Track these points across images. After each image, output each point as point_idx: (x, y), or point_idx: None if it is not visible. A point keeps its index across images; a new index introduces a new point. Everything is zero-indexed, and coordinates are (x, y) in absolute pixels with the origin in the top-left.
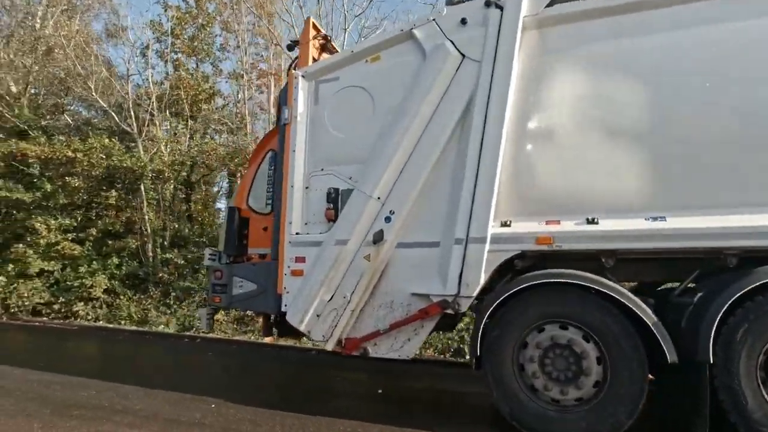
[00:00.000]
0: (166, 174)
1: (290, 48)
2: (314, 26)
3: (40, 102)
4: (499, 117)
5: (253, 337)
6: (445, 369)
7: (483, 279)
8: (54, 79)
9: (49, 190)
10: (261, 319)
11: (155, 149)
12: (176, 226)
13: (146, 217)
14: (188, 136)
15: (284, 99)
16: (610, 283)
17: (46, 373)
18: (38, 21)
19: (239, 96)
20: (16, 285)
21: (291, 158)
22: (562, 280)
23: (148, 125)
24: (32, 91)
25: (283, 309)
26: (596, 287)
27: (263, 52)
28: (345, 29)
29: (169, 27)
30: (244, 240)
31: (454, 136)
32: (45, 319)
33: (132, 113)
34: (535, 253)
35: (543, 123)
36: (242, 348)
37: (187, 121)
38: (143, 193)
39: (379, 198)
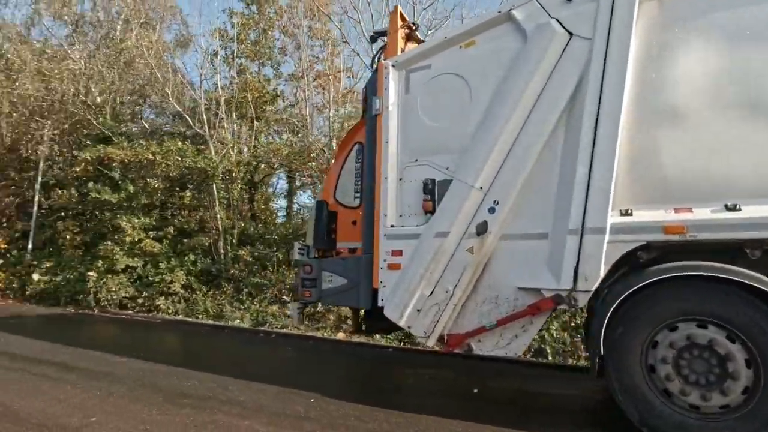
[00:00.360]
0: (234, 174)
1: (373, 39)
2: (401, 16)
3: (119, 110)
4: (616, 98)
5: (325, 333)
6: (528, 369)
7: (603, 272)
8: (133, 89)
9: (131, 191)
10: (351, 315)
11: (224, 151)
12: (242, 224)
13: (218, 215)
14: (253, 137)
15: (372, 90)
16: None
17: (147, 362)
18: (119, 34)
19: (298, 97)
20: (105, 280)
21: (384, 150)
22: (704, 274)
23: (216, 127)
24: (115, 100)
25: (380, 303)
26: (753, 283)
27: (319, 54)
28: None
29: (235, 33)
30: (332, 234)
31: (562, 121)
32: (131, 312)
33: (204, 117)
34: (662, 243)
35: (668, 102)
36: (317, 344)
37: (253, 122)
38: (215, 192)
39: (481, 188)
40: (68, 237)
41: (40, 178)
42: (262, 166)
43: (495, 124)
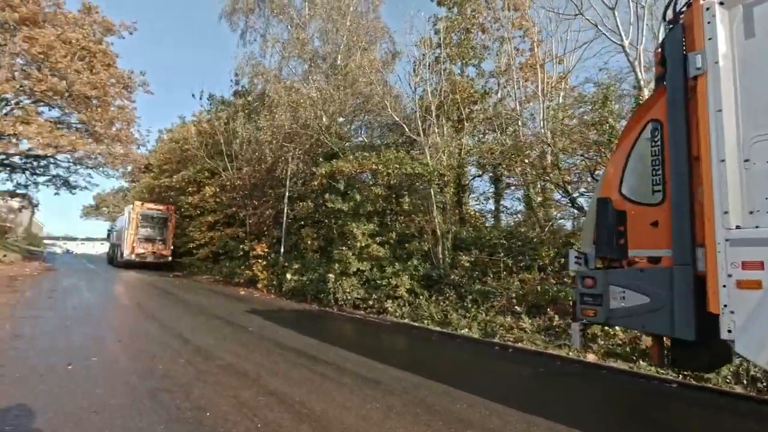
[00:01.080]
0: (446, 178)
1: None
2: None
3: (342, 129)
4: None
5: (570, 353)
6: None
7: None
8: (356, 106)
9: (358, 200)
10: (651, 343)
11: (438, 155)
12: (454, 228)
13: (436, 220)
14: (462, 139)
15: (676, 47)
16: None
17: (404, 372)
18: (341, 61)
19: (504, 92)
20: (340, 282)
21: (713, 122)
22: None
23: (428, 133)
24: (337, 120)
25: (725, 335)
26: None
27: (520, 45)
28: None
29: (441, 37)
30: (621, 239)
31: None
32: (362, 312)
33: (419, 124)
34: None
35: None
36: (565, 364)
37: (463, 123)
38: (432, 196)
39: None
40: (309, 242)
41: (287, 193)
42: (471, 168)
43: None
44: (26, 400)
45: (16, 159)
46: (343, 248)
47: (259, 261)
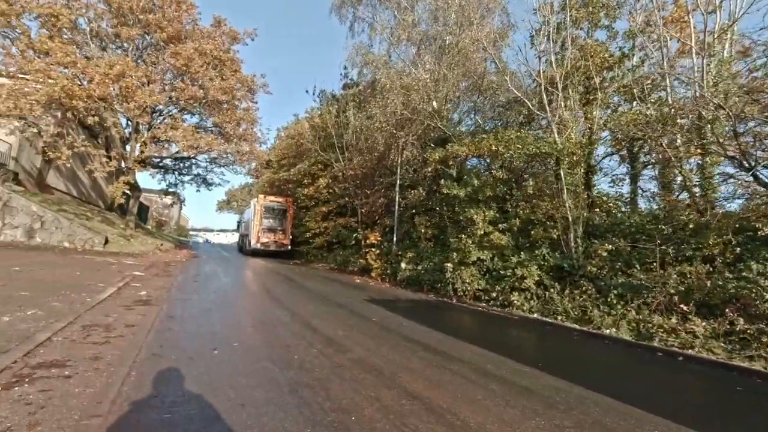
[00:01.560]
0: (576, 157)
1: None
2: None
3: (452, 112)
4: None
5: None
6: None
7: None
8: (470, 86)
9: (476, 185)
10: None
11: (566, 132)
12: (584, 214)
13: (566, 204)
14: (594, 111)
15: None
16: None
17: (557, 379)
18: (451, 39)
19: (640, 56)
20: (459, 272)
21: None
22: None
23: (553, 108)
24: (447, 102)
25: None
26: None
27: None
28: None
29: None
30: None
31: None
32: (484, 304)
33: (544, 97)
34: None
35: None
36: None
37: (593, 94)
38: (562, 178)
39: None
40: (422, 230)
41: (398, 181)
42: (603, 147)
43: None
44: (179, 387)
45: (168, 161)
46: (462, 236)
47: (373, 250)
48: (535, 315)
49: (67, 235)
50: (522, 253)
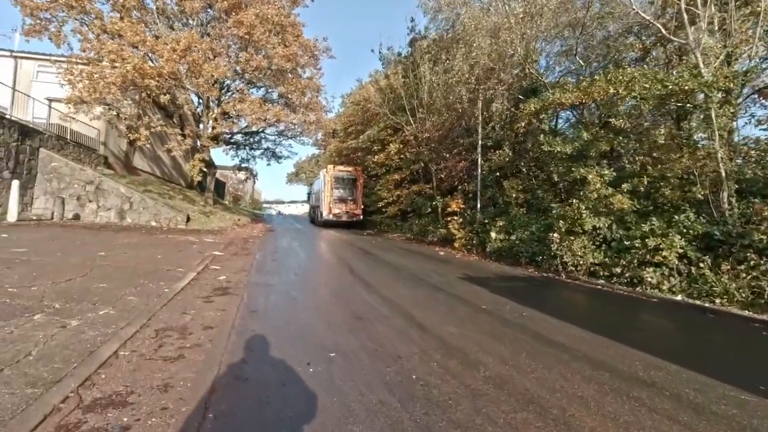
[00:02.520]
0: (730, 94)
1: None
2: None
3: (537, 56)
4: None
5: None
6: None
7: None
8: (564, 23)
9: (585, 138)
10: None
11: (717, 60)
12: (735, 167)
13: (719, 155)
14: (749, 30)
15: None
16: None
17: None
18: None
19: None
20: (568, 242)
21: None
22: None
23: (697, 30)
24: (536, 47)
25: None
26: None
27: None
28: None
29: None
30: None
31: None
32: (603, 282)
33: (685, 17)
34: None
35: None
36: None
37: (753, 5)
38: (713, 121)
39: None
40: (513, 195)
41: (480, 141)
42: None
43: None
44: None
45: (238, 137)
46: (572, 201)
47: (455, 218)
48: (679, 297)
49: (153, 215)
50: (653, 218)
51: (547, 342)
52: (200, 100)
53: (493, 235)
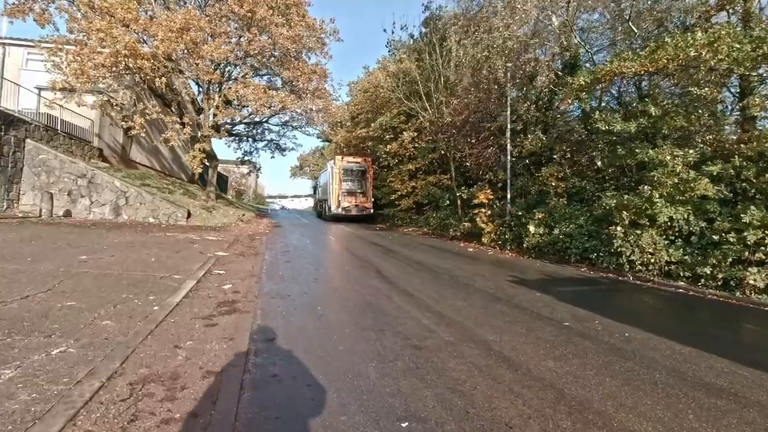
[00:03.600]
0: None
1: None
2: None
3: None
4: None
5: None
6: None
7: None
8: None
9: (654, 114)
10: None
11: None
12: None
13: None
14: None
15: None
16: None
17: None
18: None
19: None
20: (635, 237)
21: None
22: None
23: None
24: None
25: None
26: None
27: None
28: None
29: None
30: None
31: None
32: (684, 284)
33: None
34: None
35: None
36: None
37: None
38: None
39: None
40: (553, 184)
41: (509, 125)
42: None
43: None
44: None
45: (241, 128)
46: (644, 187)
47: (482, 211)
48: None
49: (151, 211)
50: (752, 208)
51: (705, 388)
52: (200, 88)
53: (531, 229)
